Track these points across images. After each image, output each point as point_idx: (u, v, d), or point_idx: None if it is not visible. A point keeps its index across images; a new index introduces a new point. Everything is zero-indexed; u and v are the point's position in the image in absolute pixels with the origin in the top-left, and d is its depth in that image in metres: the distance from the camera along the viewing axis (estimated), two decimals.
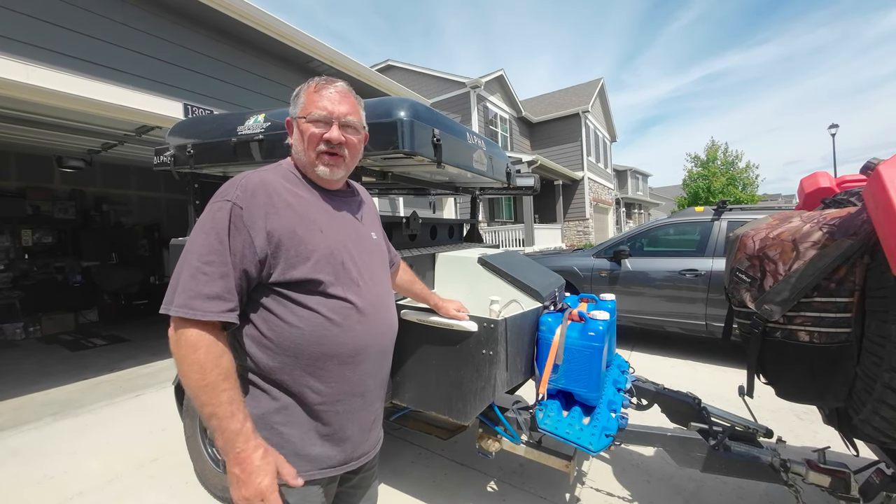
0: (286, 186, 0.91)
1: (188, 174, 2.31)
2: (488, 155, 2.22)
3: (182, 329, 0.78)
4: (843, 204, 1.50)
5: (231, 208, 0.82)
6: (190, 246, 0.82)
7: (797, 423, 2.75)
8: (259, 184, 0.87)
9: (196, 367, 0.77)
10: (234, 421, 0.77)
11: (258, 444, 0.80)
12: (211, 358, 0.78)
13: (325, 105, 0.93)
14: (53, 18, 3.31)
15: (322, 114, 0.92)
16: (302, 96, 0.96)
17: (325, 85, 0.95)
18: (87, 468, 2.41)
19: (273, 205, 0.86)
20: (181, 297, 0.78)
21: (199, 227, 0.83)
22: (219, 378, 0.77)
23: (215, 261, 0.80)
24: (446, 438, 2.05)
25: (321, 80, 0.97)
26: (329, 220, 0.95)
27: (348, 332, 0.91)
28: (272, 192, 0.87)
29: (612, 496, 2.06)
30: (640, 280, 4.34)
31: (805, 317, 1.31)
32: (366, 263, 0.99)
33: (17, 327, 5.66)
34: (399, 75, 13.63)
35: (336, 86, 0.97)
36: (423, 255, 2.08)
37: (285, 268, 0.85)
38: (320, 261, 0.88)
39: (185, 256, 0.82)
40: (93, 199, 7.13)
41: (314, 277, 0.87)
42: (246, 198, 0.84)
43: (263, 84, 5.08)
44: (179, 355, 0.78)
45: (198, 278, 0.79)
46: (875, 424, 1.19)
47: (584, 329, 1.69)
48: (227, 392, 0.78)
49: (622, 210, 24.75)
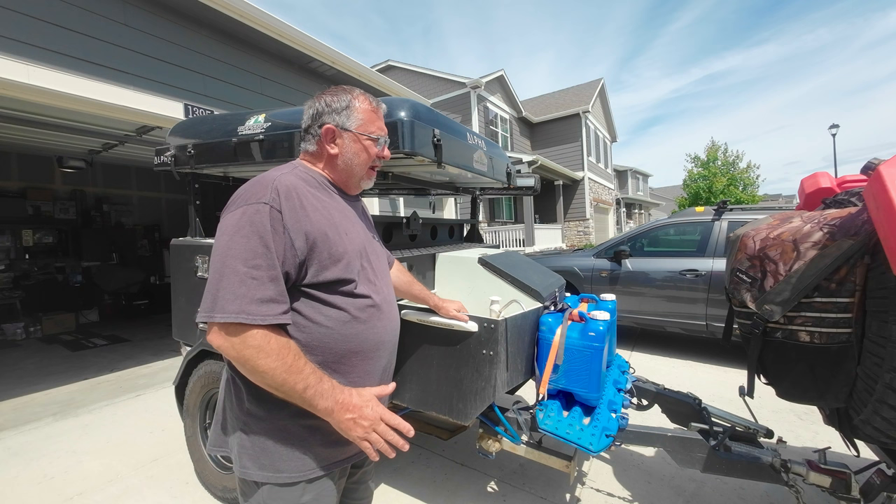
0: (310, 190, 0.94)
1: (189, 174, 2.31)
2: (488, 155, 2.22)
3: (243, 334, 0.79)
4: (844, 204, 1.49)
5: (269, 211, 0.82)
6: (229, 250, 0.80)
7: (798, 423, 2.74)
8: (291, 186, 0.88)
9: (273, 359, 0.79)
10: (324, 382, 0.84)
11: (350, 390, 0.87)
12: (283, 345, 0.81)
13: (383, 127, 1.04)
14: (54, 18, 3.31)
15: (382, 136, 1.03)
16: (358, 113, 1.00)
17: (378, 106, 1.05)
18: (87, 468, 2.41)
19: (304, 207, 0.88)
20: (236, 304, 0.78)
21: (236, 230, 0.81)
22: (296, 358, 0.82)
23: (262, 264, 0.80)
24: (447, 439, 2.05)
25: (374, 99, 1.04)
26: (350, 223, 0.99)
27: (371, 329, 0.96)
28: (302, 196, 0.89)
29: (613, 496, 2.05)
30: (640, 280, 4.34)
31: (806, 317, 1.31)
32: (376, 264, 1.05)
33: (17, 327, 5.67)
34: (399, 75, 13.64)
35: (383, 107, 1.08)
36: (423, 256, 2.08)
37: (318, 269, 0.88)
38: (350, 261, 0.92)
39: (227, 261, 0.80)
40: (93, 199, 7.14)
41: (345, 277, 0.91)
42: (282, 200, 0.84)
43: (264, 84, 5.09)
44: (247, 356, 0.79)
45: (248, 283, 0.79)
46: (876, 425, 1.19)
47: (584, 329, 1.68)
48: (307, 364, 0.83)
49: (622, 210, 24.74)
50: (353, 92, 1.00)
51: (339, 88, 1.01)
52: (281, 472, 0.88)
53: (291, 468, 0.89)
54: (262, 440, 0.89)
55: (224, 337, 0.79)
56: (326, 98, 0.99)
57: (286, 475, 0.88)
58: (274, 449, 0.89)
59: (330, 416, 0.84)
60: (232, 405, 0.95)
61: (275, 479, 0.89)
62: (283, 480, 0.88)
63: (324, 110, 0.98)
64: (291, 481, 0.89)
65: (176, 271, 2.28)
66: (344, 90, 1.00)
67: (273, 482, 0.89)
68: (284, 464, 0.89)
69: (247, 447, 0.90)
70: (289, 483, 0.89)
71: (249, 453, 0.90)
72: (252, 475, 0.89)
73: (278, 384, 0.80)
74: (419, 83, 13.56)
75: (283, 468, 0.89)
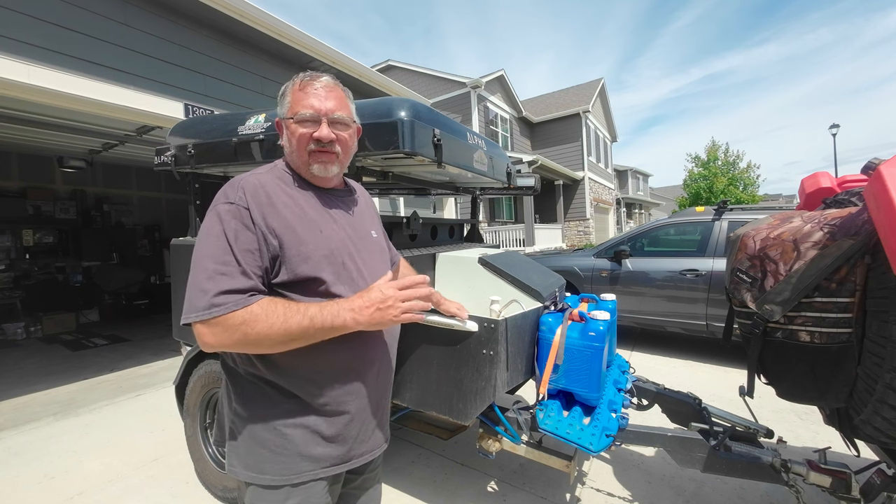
0: (282, 187, 0.91)
1: (189, 174, 2.31)
2: (489, 155, 2.22)
3: (223, 323, 0.77)
4: (844, 204, 1.49)
5: (237, 210, 0.82)
6: (201, 252, 0.81)
7: (798, 423, 2.74)
8: (258, 185, 0.87)
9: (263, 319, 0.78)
10: (326, 304, 0.83)
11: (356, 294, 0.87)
12: (264, 304, 0.80)
13: (312, 103, 0.90)
14: (54, 18, 3.31)
15: (309, 112, 0.90)
16: (288, 95, 0.93)
17: (309, 81, 0.92)
18: (87, 468, 2.41)
19: (273, 204, 0.86)
20: (205, 300, 0.77)
21: (207, 231, 0.83)
22: (285, 306, 0.81)
23: (231, 260, 0.80)
24: (447, 438, 2.05)
25: (306, 76, 0.94)
26: (328, 220, 0.94)
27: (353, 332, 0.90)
28: (270, 193, 0.87)
29: (613, 496, 2.05)
30: (640, 280, 4.34)
31: (806, 317, 1.31)
32: (366, 262, 0.99)
33: (18, 327, 5.67)
34: (399, 75, 13.64)
35: (321, 81, 0.94)
36: (423, 255, 2.08)
37: (289, 267, 0.85)
38: (321, 260, 0.88)
39: (199, 262, 0.81)
40: (94, 199, 7.14)
41: (316, 276, 0.87)
42: (248, 198, 0.84)
43: (264, 84, 5.09)
44: (238, 336, 0.78)
45: (216, 279, 0.79)
46: (876, 425, 1.19)
47: (584, 329, 1.68)
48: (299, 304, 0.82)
49: (623, 210, 24.73)
50: (294, 78, 0.94)
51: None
52: (264, 474, 0.87)
53: (275, 471, 0.87)
54: (248, 440, 0.89)
55: (210, 333, 0.78)
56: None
57: (269, 477, 0.87)
58: (258, 450, 0.88)
59: (356, 324, 0.82)
60: (224, 404, 0.96)
61: (258, 480, 0.88)
62: (267, 482, 0.87)
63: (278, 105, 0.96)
64: (275, 484, 0.87)
65: (176, 271, 2.28)
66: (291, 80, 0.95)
67: (256, 483, 0.88)
68: (268, 465, 0.87)
69: (234, 446, 0.91)
70: (272, 486, 0.87)
71: (237, 452, 0.90)
72: (238, 474, 0.90)
73: (286, 334, 0.79)
74: (419, 83, 13.56)
75: (267, 470, 0.87)
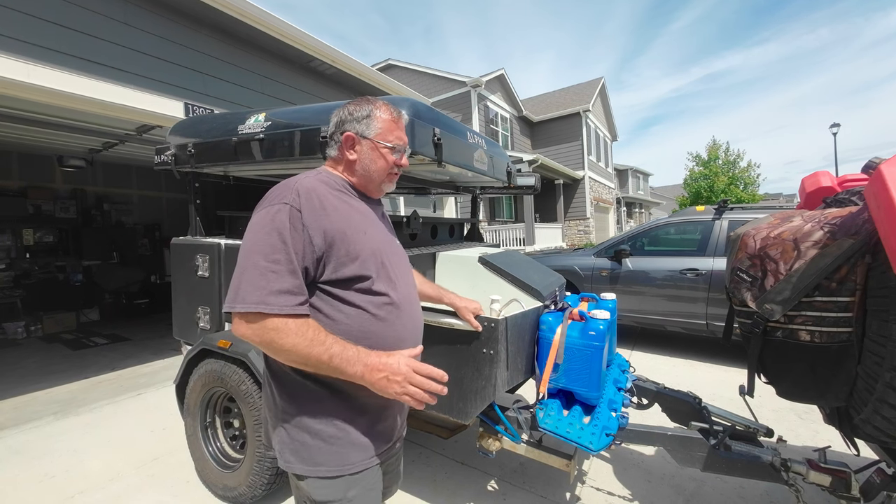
0: (332, 192, 0.99)
1: (189, 173, 2.32)
2: (489, 154, 2.22)
3: (263, 321, 0.84)
4: (845, 203, 1.49)
5: (290, 210, 0.88)
6: (252, 247, 0.88)
7: (798, 422, 2.75)
8: (311, 188, 0.94)
9: (293, 336, 0.84)
10: (349, 349, 0.87)
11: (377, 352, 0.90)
12: (301, 324, 0.86)
13: (402, 136, 1.09)
14: (54, 17, 3.31)
15: (401, 145, 1.07)
16: (378, 122, 1.04)
17: (399, 116, 1.10)
18: (88, 467, 2.42)
19: (324, 207, 0.93)
20: (255, 295, 0.83)
21: (259, 228, 0.89)
22: (316, 332, 0.86)
23: (281, 259, 0.86)
24: (447, 437, 2.05)
25: (394, 109, 1.08)
26: (370, 224, 1.04)
27: (390, 326, 0.99)
28: (322, 196, 0.95)
29: (613, 495, 2.06)
30: (640, 279, 4.34)
31: (806, 316, 1.31)
32: (396, 264, 1.07)
33: (18, 326, 5.67)
34: (400, 74, 13.63)
35: (404, 117, 1.17)
36: (423, 255, 2.08)
37: (336, 266, 0.92)
38: (368, 258, 0.96)
39: (249, 256, 0.87)
40: (94, 198, 7.14)
41: (362, 274, 0.95)
42: (301, 201, 0.90)
43: (265, 83, 5.08)
44: (269, 339, 0.84)
45: (267, 276, 0.85)
46: (876, 424, 1.19)
47: (584, 328, 1.68)
48: (328, 336, 0.87)
49: (623, 209, 24.73)
50: (375, 102, 1.06)
51: (363, 99, 1.08)
52: (320, 466, 0.92)
53: (332, 462, 0.92)
54: (300, 434, 0.93)
55: (246, 325, 0.85)
56: (350, 108, 1.06)
57: (325, 468, 0.92)
58: (313, 444, 0.93)
59: (362, 379, 0.88)
60: (268, 403, 1.01)
61: (315, 473, 0.92)
62: (324, 474, 0.92)
63: (346, 118, 1.05)
64: (333, 475, 0.92)
65: (176, 270, 2.28)
66: (368, 101, 1.06)
67: (314, 475, 0.93)
68: (324, 458, 0.92)
69: (286, 442, 0.95)
70: (331, 476, 0.92)
71: (290, 447, 0.94)
72: (294, 468, 0.94)
73: (304, 358, 0.85)
74: (419, 82, 13.55)
75: (323, 462, 0.92)
